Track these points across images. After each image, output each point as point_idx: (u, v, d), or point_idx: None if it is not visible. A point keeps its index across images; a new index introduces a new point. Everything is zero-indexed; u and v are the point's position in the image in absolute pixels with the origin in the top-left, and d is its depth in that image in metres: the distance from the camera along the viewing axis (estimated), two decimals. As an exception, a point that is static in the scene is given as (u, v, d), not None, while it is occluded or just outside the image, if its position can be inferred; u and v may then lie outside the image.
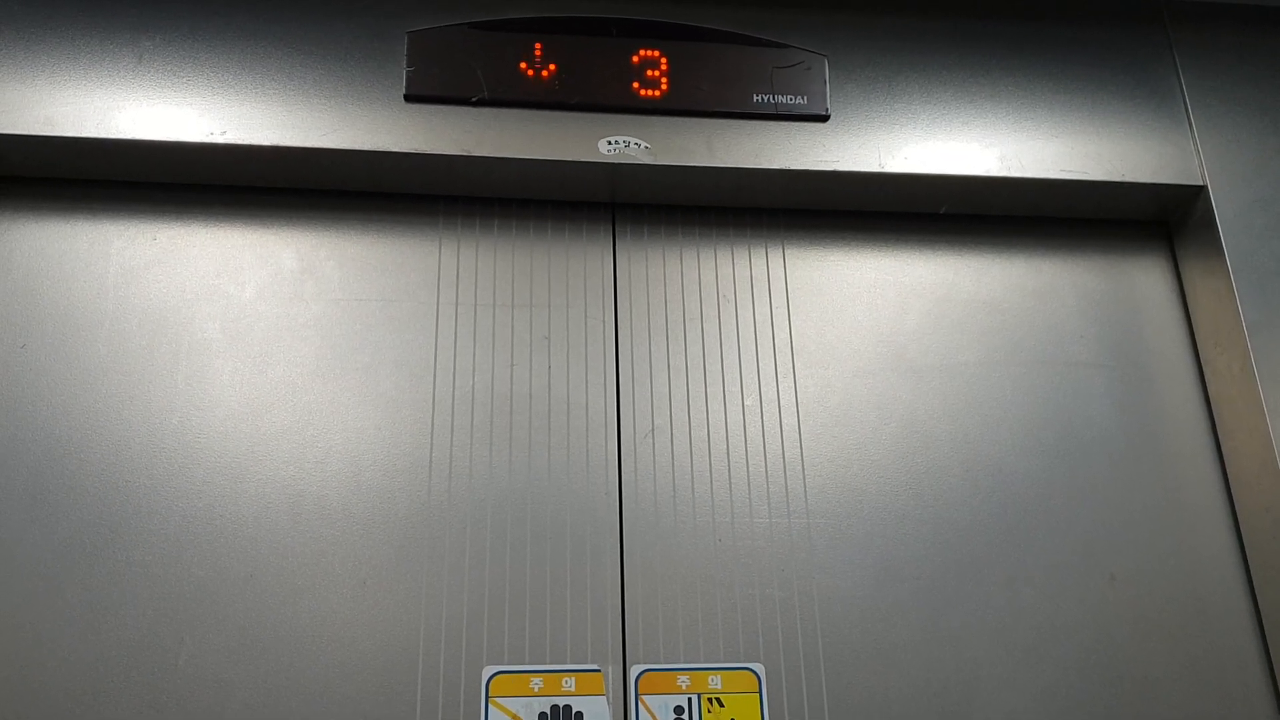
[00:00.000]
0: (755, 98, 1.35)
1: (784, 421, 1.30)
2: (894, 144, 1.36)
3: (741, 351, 1.33)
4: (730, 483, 1.26)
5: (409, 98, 1.30)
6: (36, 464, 1.17)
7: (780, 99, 1.35)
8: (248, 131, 1.26)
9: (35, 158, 1.27)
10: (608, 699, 1.13)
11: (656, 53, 1.35)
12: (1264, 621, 1.25)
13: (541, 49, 1.34)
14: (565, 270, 1.35)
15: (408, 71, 1.31)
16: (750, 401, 1.30)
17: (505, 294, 1.33)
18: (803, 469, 1.27)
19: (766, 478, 1.26)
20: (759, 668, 1.17)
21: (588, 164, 1.30)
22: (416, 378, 1.26)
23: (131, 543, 1.15)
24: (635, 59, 1.35)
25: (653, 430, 1.27)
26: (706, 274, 1.37)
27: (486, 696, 1.12)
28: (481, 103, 1.31)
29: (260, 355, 1.25)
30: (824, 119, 1.36)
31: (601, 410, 1.28)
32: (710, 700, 1.14)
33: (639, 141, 1.31)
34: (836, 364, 1.34)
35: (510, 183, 1.34)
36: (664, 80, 1.34)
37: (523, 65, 1.33)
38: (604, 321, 1.33)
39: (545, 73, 1.33)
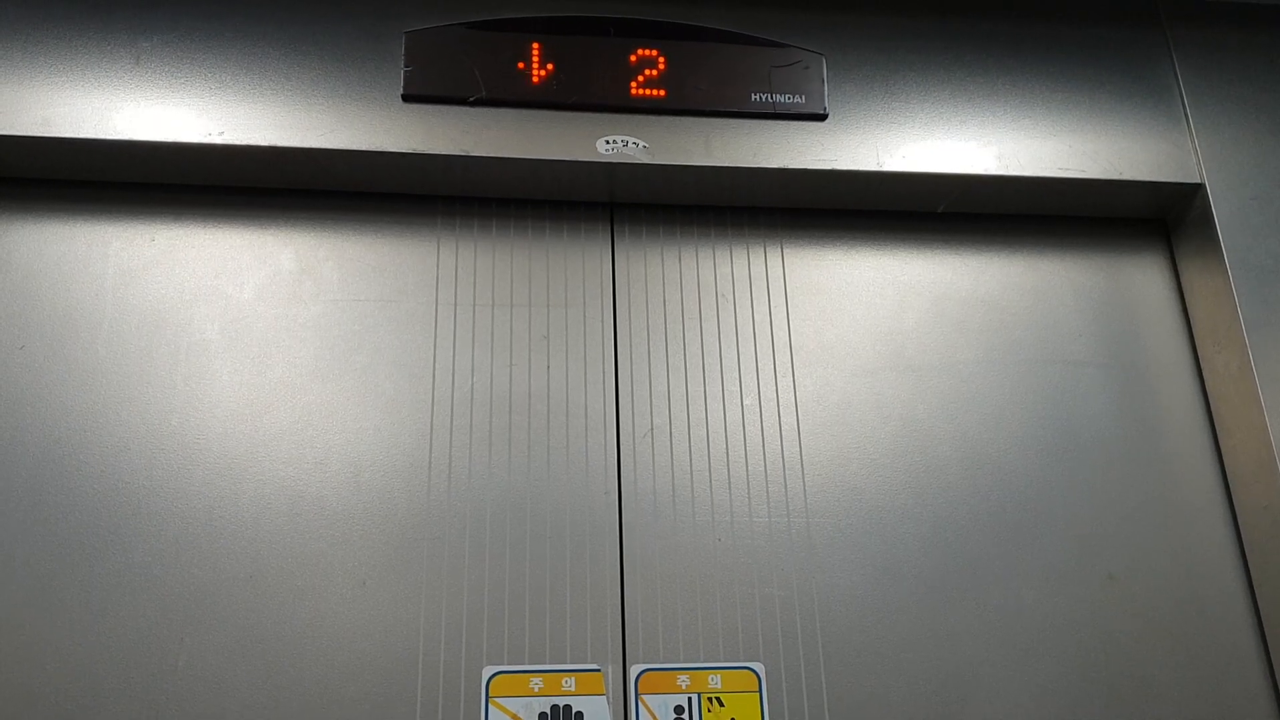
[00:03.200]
0: (753, 97, 1.35)
1: (783, 420, 1.30)
2: (892, 143, 1.36)
3: (740, 351, 1.33)
4: (729, 482, 1.26)
5: (407, 98, 1.30)
6: (35, 465, 1.17)
7: (778, 98, 1.35)
8: (246, 132, 1.26)
9: (33, 159, 1.27)
10: (608, 699, 1.13)
11: (654, 52, 1.35)
12: (1263, 620, 1.25)
13: (539, 49, 1.34)
14: (564, 270, 1.35)
15: (405, 71, 1.31)
16: (749, 401, 1.30)
17: (504, 294, 1.33)
18: (802, 468, 1.27)
19: (765, 477, 1.26)
20: (759, 667, 1.17)
21: (586, 163, 1.30)
22: (415, 378, 1.26)
23: (131, 544, 1.15)
24: (633, 58, 1.35)
25: (652, 429, 1.27)
26: (705, 273, 1.37)
27: (486, 697, 1.12)
28: (479, 102, 1.31)
29: (259, 356, 1.25)
30: (822, 118, 1.36)
31: (600, 410, 1.28)
32: (710, 699, 1.14)
33: (637, 141, 1.31)
34: (835, 363, 1.34)
35: (508, 182, 1.34)
36: (662, 80, 1.34)
37: (520, 65, 1.33)
38: (603, 321, 1.33)
39: (543, 72, 1.33)
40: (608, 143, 1.31)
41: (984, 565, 1.25)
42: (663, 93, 1.34)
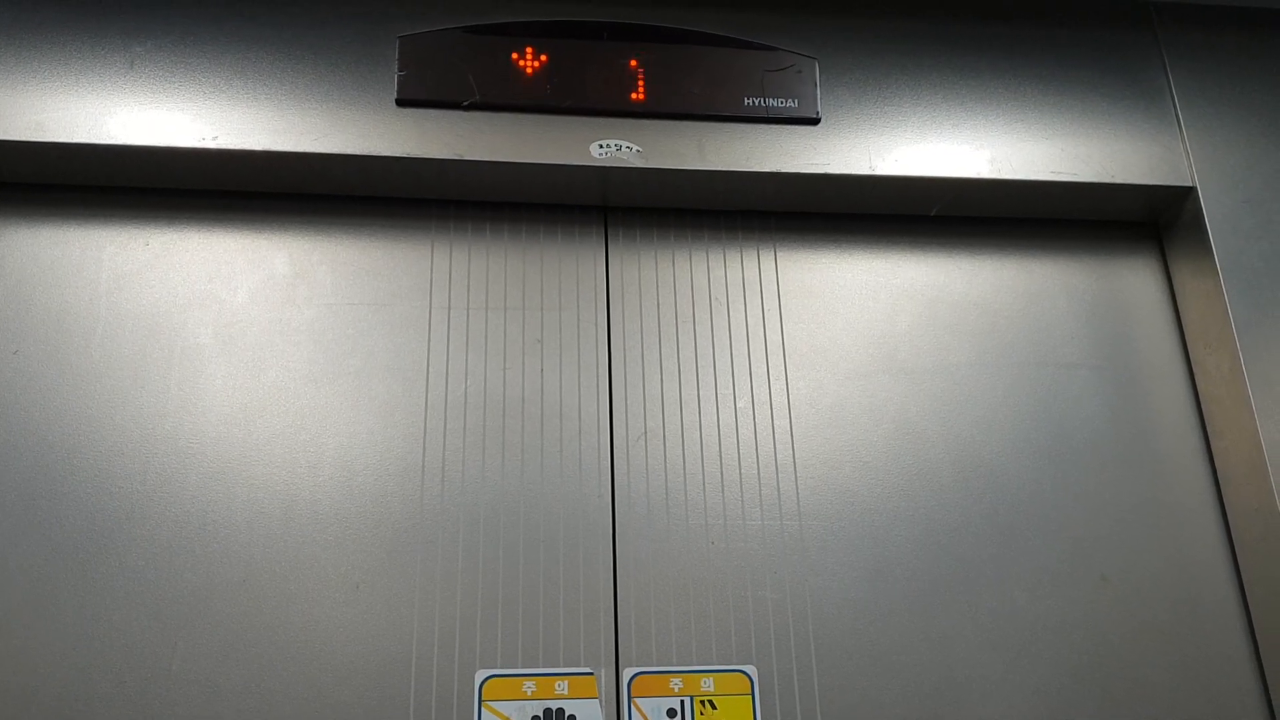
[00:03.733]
0: (746, 101, 1.35)
1: (776, 424, 1.30)
2: (884, 146, 1.36)
3: (734, 354, 1.33)
4: (723, 485, 1.26)
5: (400, 102, 1.30)
6: (29, 469, 1.17)
7: (771, 102, 1.36)
8: (239, 136, 1.26)
9: (26, 163, 1.27)
10: (601, 702, 1.13)
11: (648, 56, 1.36)
12: (1254, 621, 1.25)
13: (533, 53, 1.34)
14: (557, 274, 1.35)
15: (399, 76, 1.31)
16: (742, 404, 1.31)
17: (498, 298, 1.33)
18: (795, 471, 1.28)
19: (759, 480, 1.27)
20: (752, 670, 1.17)
21: (579, 167, 1.30)
22: (409, 382, 1.27)
23: (124, 548, 1.15)
24: (627, 63, 1.35)
25: (645, 433, 1.28)
26: (698, 277, 1.38)
27: (479, 700, 1.12)
28: (473, 106, 1.31)
29: (253, 360, 1.25)
30: (815, 122, 1.36)
31: (594, 413, 1.28)
32: (703, 703, 1.14)
33: (630, 145, 1.31)
34: (828, 366, 1.34)
35: (502, 186, 1.35)
36: (655, 84, 1.34)
37: (514, 69, 1.33)
38: (596, 325, 1.33)
39: (537, 76, 1.33)
40: (601, 146, 1.31)
41: (977, 567, 1.25)
42: (656, 97, 1.34)
